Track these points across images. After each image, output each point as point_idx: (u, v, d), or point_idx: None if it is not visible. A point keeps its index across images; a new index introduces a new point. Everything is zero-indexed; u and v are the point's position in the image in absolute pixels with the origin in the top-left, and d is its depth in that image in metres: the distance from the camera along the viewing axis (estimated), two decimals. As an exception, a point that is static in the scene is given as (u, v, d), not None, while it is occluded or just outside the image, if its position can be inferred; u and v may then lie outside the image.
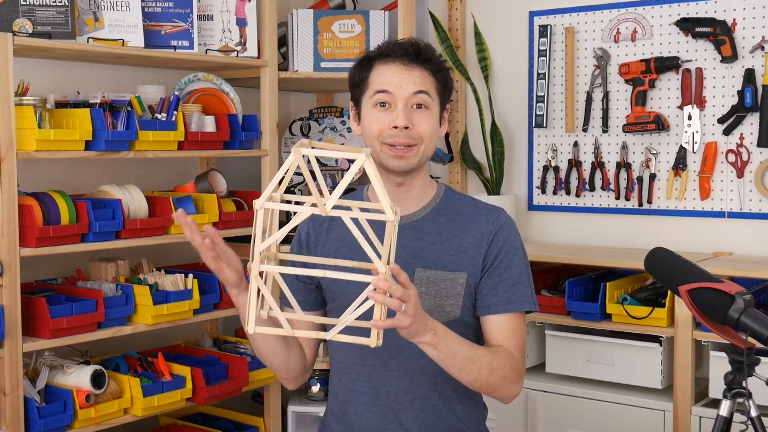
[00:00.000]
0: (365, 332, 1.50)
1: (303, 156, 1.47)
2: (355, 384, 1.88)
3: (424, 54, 1.83)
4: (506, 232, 1.87)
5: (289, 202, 1.55)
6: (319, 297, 1.94)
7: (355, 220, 1.49)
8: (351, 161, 3.47)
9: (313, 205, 1.46)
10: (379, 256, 1.45)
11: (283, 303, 1.97)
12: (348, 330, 1.51)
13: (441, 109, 1.87)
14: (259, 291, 1.51)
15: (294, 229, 2.58)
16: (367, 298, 1.48)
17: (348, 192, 3.28)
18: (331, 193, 1.45)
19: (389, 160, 1.82)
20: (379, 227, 1.51)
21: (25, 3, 2.47)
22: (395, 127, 1.79)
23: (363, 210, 1.56)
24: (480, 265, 1.85)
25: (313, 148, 1.49)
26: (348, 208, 1.54)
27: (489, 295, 1.84)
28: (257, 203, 1.44)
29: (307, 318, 1.61)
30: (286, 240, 3.17)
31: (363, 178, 3.50)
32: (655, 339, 2.79)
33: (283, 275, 1.53)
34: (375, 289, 1.47)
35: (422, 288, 1.83)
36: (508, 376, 1.77)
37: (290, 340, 1.86)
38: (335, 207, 1.45)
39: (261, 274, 1.49)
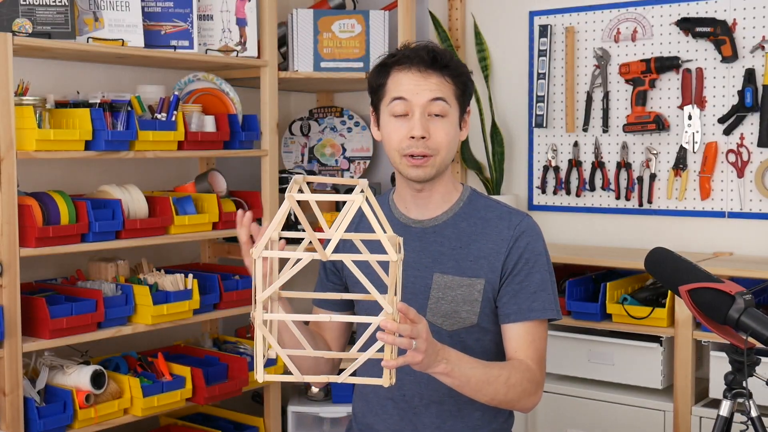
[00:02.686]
0: (377, 369, 1.49)
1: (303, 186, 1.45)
2: (373, 386, 1.86)
3: (440, 60, 1.80)
4: (527, 238, 1.84)
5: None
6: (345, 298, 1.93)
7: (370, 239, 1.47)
8: (351, 160, 3.47)
9: (310, 249, 1.45)
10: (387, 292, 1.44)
11: (315, 304, 1.97)
12: (360, 368, 1.50)
13: (461, 113, 1.86)
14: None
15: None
16: (372, 335, 1.47)
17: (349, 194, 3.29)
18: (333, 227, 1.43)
19: (408, 170, 1.82)
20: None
21: (24, 3, 2.47)
22: (412, 137, 1.79)
23: (366, 241, 1.54)
24: (499, 271, 1.82)
25: (301, 190, 1.47)
26: (351, 244, 1.51)
27: (509, 304, 1.82)
28: (255, 252, 1.42)
29: (318, 354, 1.60)
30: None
31: (365, 178, 3.50)
32: (655, 339, 2.78)
33: (318, 278, 1.51)
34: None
35: (439, 293, 1.82)
36: (527, 390, 1.76)
37: (318, 343, 1.86)
38: (335, 251, 1.43)
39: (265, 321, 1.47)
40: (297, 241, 1.61)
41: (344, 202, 1.47)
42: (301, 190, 1.49)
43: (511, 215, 1.87)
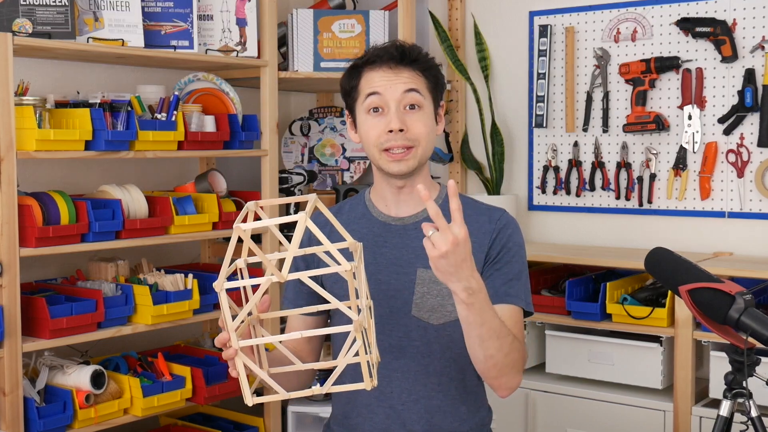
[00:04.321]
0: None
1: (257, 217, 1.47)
2: None
3: (409, 55, 1.82)
4: (509, 230, 1.87)
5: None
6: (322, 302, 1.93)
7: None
8: (351, 160, 3.47)
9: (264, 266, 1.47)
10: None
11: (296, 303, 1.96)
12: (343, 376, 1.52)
13: (435, 107, 1.87)
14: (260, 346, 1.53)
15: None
16: (354, 340, 1.47)
17: (349, 194, 3.29)
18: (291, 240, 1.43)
19: (389, 165, 1.82)
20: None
21: (25, 3, 2.47)
22: (390, 131, 1.79)
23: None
24: (482, 263, 1.84)
25: (253, 218, 1.49)
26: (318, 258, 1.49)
27: (487, 287, 1.82)
28: (216, 285, 1.44)
29: (305, 367, 1.61)
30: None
31: (365, 178, 3.50)
32: (655, 339, 2.79)
33: (291, 281, 1.52)
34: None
35: (424, 288, 1.83)
36: (517, 363, 1.75)
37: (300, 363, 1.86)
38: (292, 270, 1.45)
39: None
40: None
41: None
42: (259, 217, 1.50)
43: (490, 210, 1.90)
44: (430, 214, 1.50)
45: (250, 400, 1.49)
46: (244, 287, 1.54)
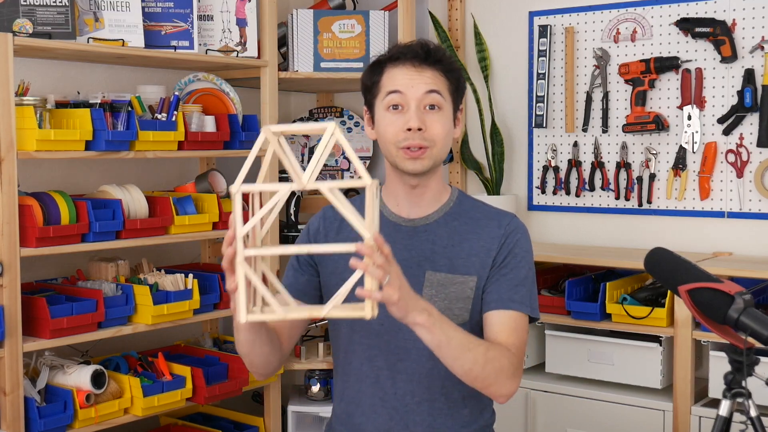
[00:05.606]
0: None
1: (275, 134, 1.44)
2: (362, 385, 1.87)
3: (434, 55, 1.82)
4: (518, 235, 1.87)
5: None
6: (318, 291, 1.93)
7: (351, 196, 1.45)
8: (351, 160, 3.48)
9: (289, 180, 1.42)
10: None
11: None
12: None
13: (454, 110, 1.87)
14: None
15: (292, 227, 2.56)
16: (360, 278, 1.44)
17: (348, 193, 3.29)
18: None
19: (404, 163, 1.82)
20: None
21: (25, 3, 2.48)
22: (409, 129, 1.79)
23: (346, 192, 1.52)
24: (489, 267, 1.84)
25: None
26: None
27: (491, 292, 1.83)
28: (234, 187, 1.40)
29: (296, 306, 1.55)
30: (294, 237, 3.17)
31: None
32: (654, 339, 2.79)
33: (290, 266, 1.49)
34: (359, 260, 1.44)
35: (432, 291, 1.83)
36: (504, 370, 1.73)
37: (273, 338, 1.81)
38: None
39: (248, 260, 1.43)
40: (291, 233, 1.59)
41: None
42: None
43: (500, 215, 1.90)
44: (377, 242, 1.45)
45: (244, 316, 1.42)
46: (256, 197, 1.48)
